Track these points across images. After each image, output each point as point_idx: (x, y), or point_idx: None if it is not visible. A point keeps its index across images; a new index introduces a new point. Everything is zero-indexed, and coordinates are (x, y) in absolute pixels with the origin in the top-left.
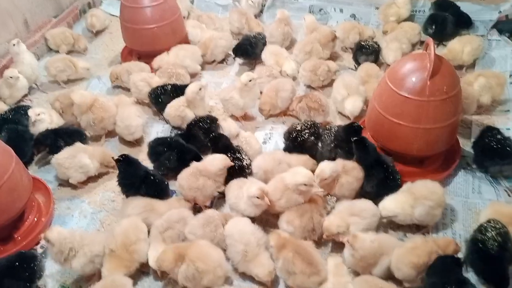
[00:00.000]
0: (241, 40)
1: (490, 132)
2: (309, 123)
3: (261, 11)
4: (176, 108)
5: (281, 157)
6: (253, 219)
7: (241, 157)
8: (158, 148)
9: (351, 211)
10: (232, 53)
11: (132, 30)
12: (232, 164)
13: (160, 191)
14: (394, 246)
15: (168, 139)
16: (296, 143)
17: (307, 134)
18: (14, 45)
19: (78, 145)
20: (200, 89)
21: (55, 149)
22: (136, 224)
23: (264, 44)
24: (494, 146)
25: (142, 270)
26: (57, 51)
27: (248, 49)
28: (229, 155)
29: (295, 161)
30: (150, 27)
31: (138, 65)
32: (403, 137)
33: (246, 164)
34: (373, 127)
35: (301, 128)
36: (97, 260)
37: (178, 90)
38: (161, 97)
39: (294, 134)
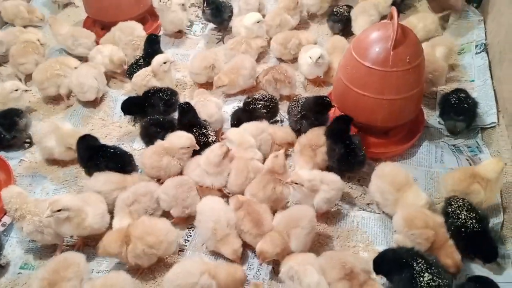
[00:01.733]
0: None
1: (457, 92)
2: (267, 96)
3: None
4: (143, 78)
5: (263, 127)
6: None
7: (207, 133)
8: (151, 129)
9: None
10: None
11: None
12: (197, 148)
13: (123, 164)
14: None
15: (161, 119)
16: (247, 108)
17: (260, 105)
18: None
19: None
20: (165, 62)
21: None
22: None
23: (231, 12)
24: (453, 102)
25: None
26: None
27: (215, 13)
28: (195, 130)
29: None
30: None
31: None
32: (368, 108)
33: (212, 140)
34: (339, 99)
35: (258, 98)
36: (47, 231)
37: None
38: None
39: (249, 100)
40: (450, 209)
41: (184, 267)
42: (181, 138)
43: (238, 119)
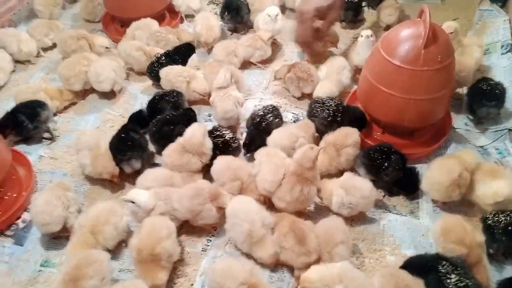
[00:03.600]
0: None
1: (485, 79)
2: (270, 108)
3: None
4: (175, 76)
5: (297, 133)
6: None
7: (221, 133)
8: (164, 129)
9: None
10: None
11: None
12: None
13: None
14: None
15: (170, 116)
16: (260, 127)
17: (271, 118)
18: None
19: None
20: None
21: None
22: (110, 208)
23: (248, 8)
24: (484, 88)
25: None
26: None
27: (234, 16)
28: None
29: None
30: None
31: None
32: (395, 108)
33: (230, 137)
34: (365, 98)
35: (263, 113)
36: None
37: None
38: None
39: (258, 119)
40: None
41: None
42: (195, 132)
43: (251, 140)
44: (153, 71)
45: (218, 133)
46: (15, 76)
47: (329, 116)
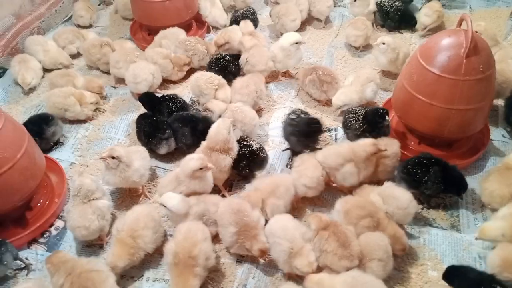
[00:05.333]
0: (232, 16)
1: None
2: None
3: None
4: (205, 82)
5: (349, 155)
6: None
7: (248, 143)
8: (174, 124)
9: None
10: None
11: (143, 4)
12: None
13: None
14: None
15: (183, 114)
16: (312, 138)
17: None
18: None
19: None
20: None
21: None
22: (148, 212)
23: (254, 20)
24: None
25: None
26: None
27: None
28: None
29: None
30: (162, 0)
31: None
32: (435, 119)
33: (257, 148)
34: (401, 108)
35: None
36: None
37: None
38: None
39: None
40: None
41: None
42: (219, 128)
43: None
44: (218, 65)
45: (245, 142)
46: (45, 83)
47: (360, 126)
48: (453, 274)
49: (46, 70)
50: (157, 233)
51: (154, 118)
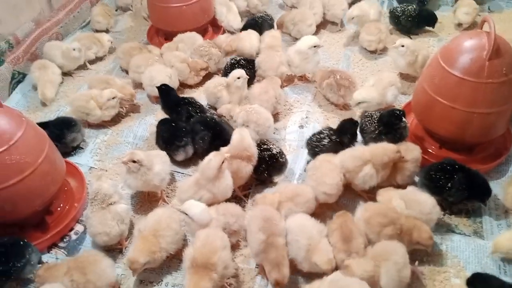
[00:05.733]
0: (248, 21)
1: None
2: (327, 130)
3: None
4: (215, 86)
5: (366, 156)
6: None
7: (268, 147)
8: (195, 126)
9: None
10: None
11: (159, 8)
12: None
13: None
14: None
15: (208, 119)
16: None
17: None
18: (74, 49)
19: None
20: (239, 77)
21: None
22: (169, 214)
23: (271, 26)
24: None
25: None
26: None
27: (256, 30)
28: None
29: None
30: (179, 5)
31: None
32: (456, 122)
33: (277, 152)
34: (422, 111)
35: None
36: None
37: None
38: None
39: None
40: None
41: None
42: (241, 138)
43: None
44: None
45: (265, 146)
46: (63, 87)
47: (376, 129)
48: (477, 281)
49: (64, 74)
50: (178, 234)
51: (173, 124)
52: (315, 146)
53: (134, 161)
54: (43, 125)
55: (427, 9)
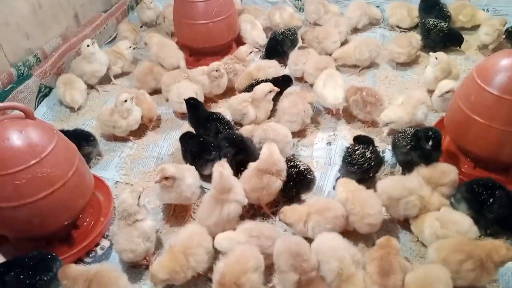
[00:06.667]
0: (268, 41)
1: None
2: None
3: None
4: (239, 102)
5: (413, 187)
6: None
7: (295, 164)
8: (221, 142)
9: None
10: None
11: (186, 25)
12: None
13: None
14: None
15: (234, 136)
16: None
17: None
18: (88, 45)
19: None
20: (270, 91)
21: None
22: (201, 231)
23: (293, 40)
24: None
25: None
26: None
27: (277, 48)
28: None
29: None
30: (205, 22)
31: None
32: (494, 141)
33: (305, 168)
34: (456, 130)
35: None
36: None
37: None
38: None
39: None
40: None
41: None
42: (271, 151)
43: None
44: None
45: (292, 163)
46: (89, 102)
47: (408, 144)
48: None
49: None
50: (208, 253)
51: (201, 139)
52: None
53: (166, 178)
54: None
55: (455, 28)
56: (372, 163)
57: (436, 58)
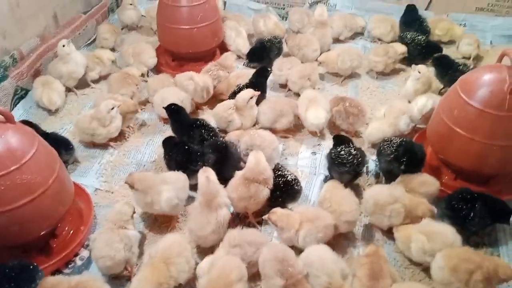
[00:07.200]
0: (255, 45)
1: None
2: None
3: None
4: (225, 109)
5: (399, 195)
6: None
7: (283, 173)
8: (205, 149)
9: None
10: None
11: (169, 29)
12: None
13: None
14: None
15: (218, 143)
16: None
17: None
18: (64, 45)
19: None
20: (251, 97)
21: None
22: (180, 241)
23: (279, 48)
24: None
25: None
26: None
27: (263, 55)
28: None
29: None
30: (189, 27)
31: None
32: (475, 154)
33: (292, 179)
34: (439, 141)
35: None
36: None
37: None
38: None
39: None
40: None
41: None
42: (258, 159)
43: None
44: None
45: (279, 172)
46: (67, 106)
47: (392, 153)
48: None
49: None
50: (189, 263)
51: (187, 147)
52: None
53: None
54: None
55: (434, 41)
56: (360, 158)
57: (419, 72)
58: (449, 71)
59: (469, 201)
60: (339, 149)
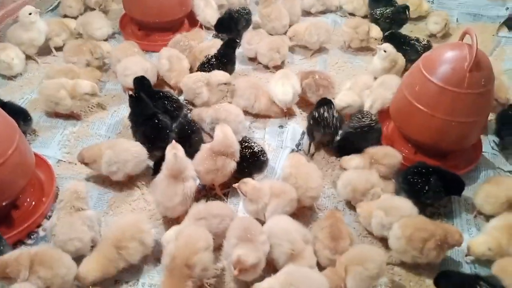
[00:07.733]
0: (223, 15)
1: None
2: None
3: None
4: (194, 82)
5: (375, 181)
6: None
7: (250, 145)
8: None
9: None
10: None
11: None
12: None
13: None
14: None
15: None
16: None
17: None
18: (30, 14)
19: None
20: (225, 83)
21: None
22: (137, 221)
23: (248, 20)
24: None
25: None
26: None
27: (231, 26)
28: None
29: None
30: None
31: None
32: (435, 130)
33: (258, 150)
34: (401, 117)
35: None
36: None
37: None
38: None
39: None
40: None
41: None
42: (227, 134)
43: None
44: (203, 71)
45: (246, 144)
46: (27, 74)
47: (357, 128)
48: (442, 279)
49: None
50: (143, 245)
51: (157, 122)
52: None
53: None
54: None
55: (399, 12)
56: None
57: (384, 51)
58: (402, 46)
59: (424, 175)
60: (322, 111)
